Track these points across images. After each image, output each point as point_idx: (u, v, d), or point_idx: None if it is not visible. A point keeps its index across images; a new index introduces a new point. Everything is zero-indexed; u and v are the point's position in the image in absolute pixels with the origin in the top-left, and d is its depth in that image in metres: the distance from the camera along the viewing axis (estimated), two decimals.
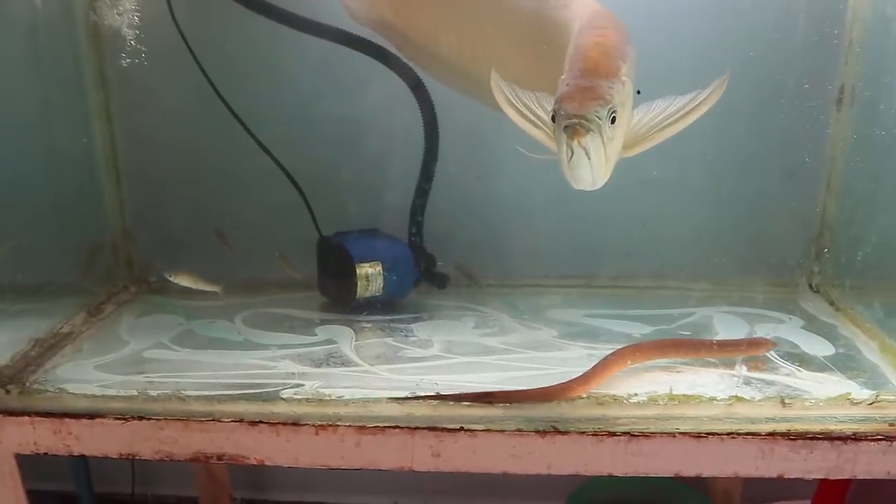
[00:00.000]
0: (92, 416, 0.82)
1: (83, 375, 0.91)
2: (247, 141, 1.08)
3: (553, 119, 0.76)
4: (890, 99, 0.97)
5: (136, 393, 0.86)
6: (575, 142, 0.73)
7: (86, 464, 1.47)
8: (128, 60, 1.06)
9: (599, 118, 0.74)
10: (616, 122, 0.76)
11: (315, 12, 1.05)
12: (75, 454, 0.84)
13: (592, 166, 0.76)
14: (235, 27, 1.10)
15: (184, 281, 1.09)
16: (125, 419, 0.82)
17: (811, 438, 0.80)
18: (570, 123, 0.73)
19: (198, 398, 0.85)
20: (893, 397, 0.84)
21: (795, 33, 1.04)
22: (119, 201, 1.20)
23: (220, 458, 0.83)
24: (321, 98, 1.14)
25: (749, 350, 0.95)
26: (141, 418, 0.82)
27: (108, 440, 0.83)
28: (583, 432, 0.80)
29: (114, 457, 0.83)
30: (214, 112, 1.06)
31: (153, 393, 0.86)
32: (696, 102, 0.83)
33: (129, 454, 0.83)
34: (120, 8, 1.03)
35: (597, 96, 0.75)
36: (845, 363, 0.95)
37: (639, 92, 0.83)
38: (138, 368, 0.94)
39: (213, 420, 0.82)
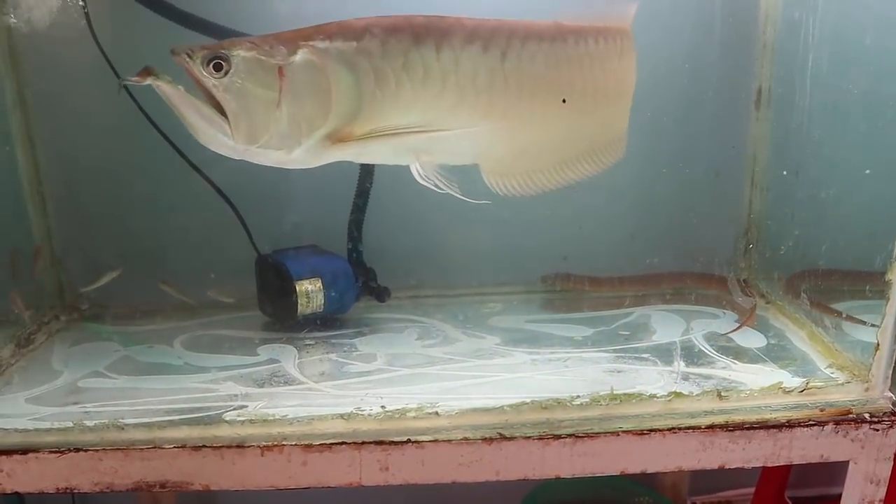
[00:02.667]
0: (25, 451, 0.80)
1: (13, 409, 0.88)
2: (179, 160, 1.06)
3: None
4: (802, 97, 1.01)
5: (71, 424, 0.83)
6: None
7: (20, 499, 1.41)
8: (49, 81, 1.03)
9: (189, 55, 0.74)
10: (223, 70, 0.74)
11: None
12: (8, 492, 0.81)
13: (199, 112, 0.75)
14: (161, 43, 1.07)
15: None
16: (61, 452, 0.80)
17: (748, 428, 0.82)
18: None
19: (137, 426, 0.83)
20: (822, 384, 0.88)
21: (714, 38, 1.07)
22: (46, 229, 1.16)
23: (163, 486, 0.81)
24: None
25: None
26: (78, 450, 0.80)
27: (44, 475, 0.80)
28: (528, 437, 0.81)
29: (50, 492, 0.81)
30: (143, 132, 1.04)
31: (90, 423, 0.83)
32: None
33: (67, 488, 0.81)
34: (39, 28, 1.00)
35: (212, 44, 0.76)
36: (777, 353, 0.98)
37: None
38: (73, 399, 0.91)
39: (154, 447, 0.80)
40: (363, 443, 0.80)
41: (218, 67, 0.74)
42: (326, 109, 0.78)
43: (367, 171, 1.07)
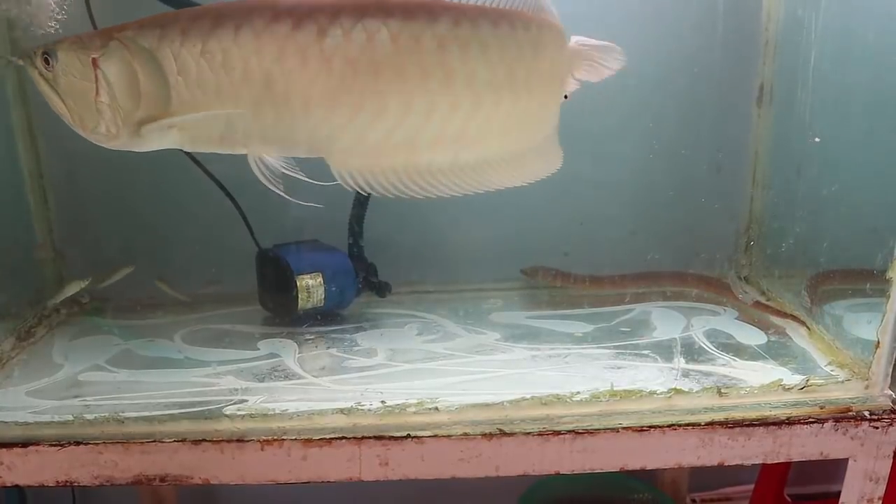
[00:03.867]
0: (25, 444, 0.80)
1: (14, 402, 0.88)
2: (179, 154, 1.06)
3: None
4: (805, 95, 1.01)
5: (71, 417, 0.83)
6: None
7: (21, 493, 1.42)
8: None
9: (30, 57, 0.80)
10: (51, 65, 0.79)
11: None
12: (9, 485, 0.81)
13: (51, 103, 0.82)
14: None
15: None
16: (61, 445, 0.80)
17: (748, 425, 0.82)
18: None
19: (137, 419, 0.83)
20: (822, 381, 0.88)
21: (716, 35, 1.07)
22: (47, 221, 1.16)
23: (162, 479, 0.82)
24: None
25: None
26: (78, 443, 0.80)
27: (44, 468, 0.80)
28: (528, 433, 0.81)
29: (50, 485, 0.81)
30: None
31: (90, 416, 0.83)
32: None
33: (67, 481, 0.81)
34: (40, 20, 1.00)
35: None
36: (777, 350, 0.98)
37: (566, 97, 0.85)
38: (73, 392, 0.91)
39: (154, 441, 0.80)
40: (363, 438, 0.81)
41: (47, 62, 0.79)
42: (137, 96, 0.80)
43: None
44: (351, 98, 0.79)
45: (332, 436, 0.81)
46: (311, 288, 1.06)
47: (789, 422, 0.83)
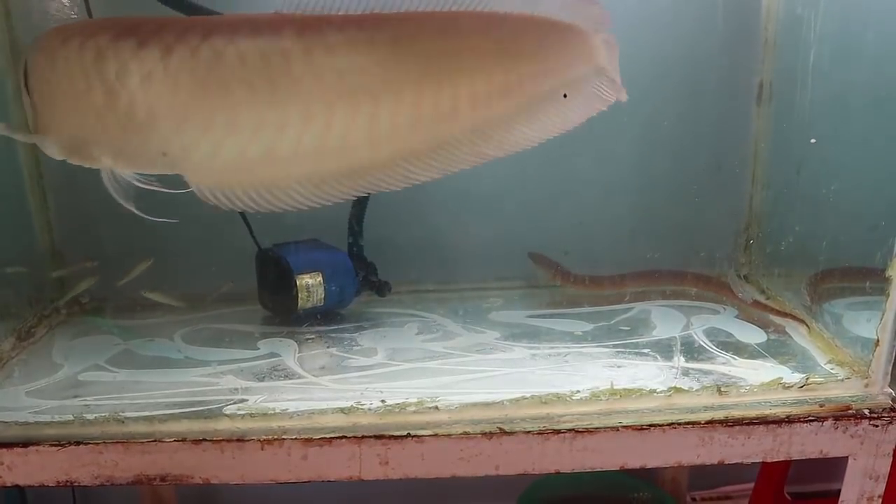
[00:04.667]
0: (25, 444, 0.80)
1: (14, 402, 0.88)
2: None
3: None
4: (804, 94, 1.01)
5: (71, 417, 0.83)
6: None
7: (21, 493, 1.42)
8: None
9: None
10: None
11: None
12: (9, 484, 0.81)
13: None
14: None
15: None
16: (61, 445, 0.80)
17: (748, 424, 0.82)
18: None
19: (137, 419, 0.83)
20: (822, 379, 0.88)
21: (716, 33, 1.07)
22: (46, 221, 1.16)
23: (163, 479, 0.82)
24: None
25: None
26: (78, 443, 0.80)
27: (44, 468, 0.80)
28: (528, 432, 0.81)
29: (51, 485, 0.81)
30: None
31: (90, 416, 0.83)
32: None
33: (67, 481, 0.81)
34: (40, 17, 1.01)
35: None
36: (777, 349, 0.98)
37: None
38: (74, 392, 0.91)
39: (154, 441, 0.80)
40: (363, 437, 0.81)
41: None
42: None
43: None
44: (200, 115, 0.79)
45: (332, 435, 0.81)
46: (310, 287, 1.06)
47: (789, 420, 0.83)
